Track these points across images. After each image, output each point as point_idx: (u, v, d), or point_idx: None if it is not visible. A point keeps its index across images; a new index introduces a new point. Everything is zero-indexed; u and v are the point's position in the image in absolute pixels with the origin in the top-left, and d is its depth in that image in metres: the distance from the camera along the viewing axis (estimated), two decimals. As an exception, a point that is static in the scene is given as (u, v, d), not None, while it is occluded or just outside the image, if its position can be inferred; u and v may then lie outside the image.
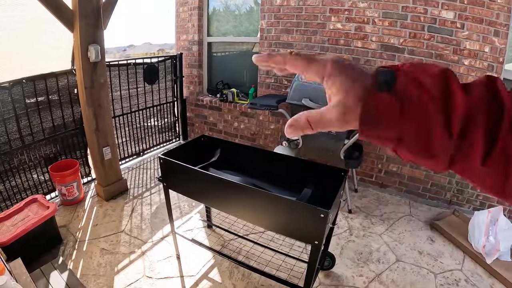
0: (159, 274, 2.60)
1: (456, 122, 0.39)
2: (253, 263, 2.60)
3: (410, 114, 0.40)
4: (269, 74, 4.49)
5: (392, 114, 0.40)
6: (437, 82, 0.40)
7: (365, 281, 2.60)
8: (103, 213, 3.36)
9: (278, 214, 1.89)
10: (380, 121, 0.41)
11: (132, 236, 3.03)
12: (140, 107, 4.54)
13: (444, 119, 0.39)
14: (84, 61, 3.08)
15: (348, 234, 3.15)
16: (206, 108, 5.23)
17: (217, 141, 2.81)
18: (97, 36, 3.12)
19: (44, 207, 2.84)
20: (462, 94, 0.39)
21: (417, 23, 3.45)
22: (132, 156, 4.65)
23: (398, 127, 0.41)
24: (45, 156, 3.44)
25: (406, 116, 0.40)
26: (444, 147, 0.40)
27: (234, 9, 4.90)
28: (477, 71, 3.31)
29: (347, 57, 3.86)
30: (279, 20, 4.21)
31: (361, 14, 3.68)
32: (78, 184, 3.48)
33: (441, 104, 0.39)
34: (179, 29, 5.26)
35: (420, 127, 0.40)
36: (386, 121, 0.41)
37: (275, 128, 4.67)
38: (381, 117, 0.41)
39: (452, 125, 0.39)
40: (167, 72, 4.82)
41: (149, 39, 57.07)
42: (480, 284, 2.59)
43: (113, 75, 4.00)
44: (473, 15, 3.19)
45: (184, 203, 3.57)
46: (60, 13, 2.86)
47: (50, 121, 3.40)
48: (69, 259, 2.73)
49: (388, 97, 0.40)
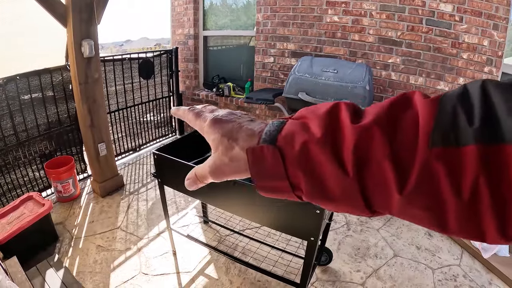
0: (156, 271, 2.58)
1: (347, 156, 0.35)
2: (250, 259, 2.58)
3: (294, 162, 0.38)
4: (265, 68, 4.46)
5: (275, 166, 0.39)
6: (322, 119, 0.38)
7: (362, 276, 2.59)
8: (99, 210, 3.34)
9: (274, 210, 1.87)
10: (268, 175, 0.40)
11: (128, 233, 3.01)
12: (136, 102, 4.51)
13: (331, 157, 0.36)
14: (78, 56, 3.04)
15: (346, 229, 3.14)
16: (202, 103, 5.17)
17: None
18: (90, 31, 3.08)
19: (39, 205, 2.81)
20: (350, 123, 0.36)
21: (415, 16, 3.42)
22: (128, 151, 4.62)
23: (287, 176, 0.39)
24: (40, 152, 3.41)
25: (290, 164, 0.38)
26: (344, 187, 0.36)
27: (231, 2, 4.86)
28: (475, 64, 3.28)
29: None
30: (276, 13, 4.18)
31: (358, 6, 3.65)
32: (73, 180, 3.46)
33: (326, 143, 0.36)
34: (175, 23, 5.22)
35: (309, 172, 0.38)
36: (272, 174, 0.40)
37: (272, 122, 4.62)
38: (267, 171, 0.40)
39: (343, 161, 0.35)
40: (162, 66, 4.78)
41: (146, 33, 57.02)
42: (478, 280, 2.57)
43: (108, 70, 3.96)
44: (472, 8, 3.16)
45: (180, 199, 3.55)
46: (53, 8, 2.82)
47: (45, 118, 3.36)
48: (65, 256, 2.72)
49: (269, 149, 0.39)
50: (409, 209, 0.34)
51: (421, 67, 3.52)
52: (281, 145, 0.39)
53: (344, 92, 3.02)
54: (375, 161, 0.34)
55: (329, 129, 0.37)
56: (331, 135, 0.37)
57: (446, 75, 3.43)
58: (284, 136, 0.39)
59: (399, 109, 0.35)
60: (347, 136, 0.35)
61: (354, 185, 0.35)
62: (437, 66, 3.44)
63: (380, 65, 3.72)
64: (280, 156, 0.38)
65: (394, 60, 3.63)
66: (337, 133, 0.36)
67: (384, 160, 0.33)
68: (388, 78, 3.71)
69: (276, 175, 0.39)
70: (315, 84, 3.13)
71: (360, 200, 0.36)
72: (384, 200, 0.35)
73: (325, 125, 0.37)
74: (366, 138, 0.34)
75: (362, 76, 3.06)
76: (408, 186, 0.32)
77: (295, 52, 4.17)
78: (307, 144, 0.37)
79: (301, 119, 0.40)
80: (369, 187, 0.35)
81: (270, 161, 0.39)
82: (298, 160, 0.38)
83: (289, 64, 4.24)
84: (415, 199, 0.32)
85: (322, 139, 0.37)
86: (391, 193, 0.33)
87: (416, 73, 3.55)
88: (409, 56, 3.54)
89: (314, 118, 0.39)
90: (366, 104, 2.99)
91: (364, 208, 0.36)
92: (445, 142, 0.30)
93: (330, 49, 3.94)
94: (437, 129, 0.31)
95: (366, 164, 0.34)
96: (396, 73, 3.66)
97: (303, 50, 4.10)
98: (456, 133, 0.30)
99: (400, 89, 3.68)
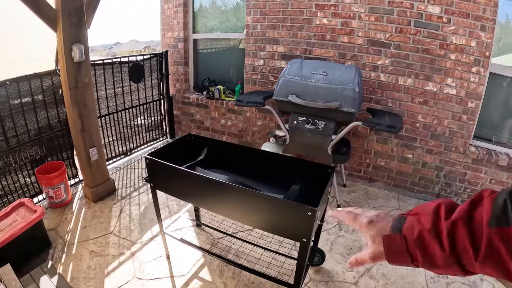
0: (150, 275, 2.58)
1: (444, 240, 0.57)
2: (243, 261, 2.60)
3: (413, 243, 0.61)
4: (255, 71, 4.47)
5: (401, 247, 0.63)
6: (430, 215, 0.61)
7: (355, 276, 2.61)
8: (91, 215, 3.33)
9: (266, 213, 1.89)
10: (397, 252, 0.64)
11: (121, 237, 3.00)
12: (126, 106, 4.48)
13: (436, 241, 0.58)
14: (68, 61, 3.03)
15: (338, 229, 3.17)
16: (193, 106, 5.20)
17: (204, 140, 2.79)
18: (80, 35, 3.07)
19: (31, 211, 2.80)
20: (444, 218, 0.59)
21: (403, 18, 3.45)
22: (120, 155, 4.60)
23: (409, 254, 0.62)
24: (31, 158, 3.39)
25: (411, 246, 0.62)
26: (444, 259, 0.58)
27: (221, 4, 4.86)
28: (463, 65, 3.33)
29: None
30: (265, 16, 4.19)
31: (347, 9, 3.68)
32: (65, 186, 3.44)
33: (432, 231, 0.59)
34: (164, 26, 5.20)
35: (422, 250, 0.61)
36: (399, 251, 0.63)
37: (262, 125, 4.66)
38: (396, 250, 0.64)
39: (442, 243, 0.57)
40: (152, 70, 4.77)
41: (136, 36, 56.58)
42: (470, 277, 2.61)
43: (98, 74, 3.94)
44: (459, 10, 3.21)
45: (172, 202, 3.55)
46: (43, 12, 2.81)
47: (35, 123, 3.33)
48: (59, 262, 2.70)
49: (397, 236, 0.64)
50: (485, 270, 0.53)
51: (409, 68, 3.55)
52: (405, 234, 0.63)
53: (333, 94, 3.05)
54: (460, 242, 0.55)
55: (433, 223, 0.60)
56: (435, 226, 0.59)
57: (434, 75, 3.47)
58: (406, 227, 0.64)
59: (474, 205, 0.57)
60: (443, 227, 0.58)
61: (450, 258, 0.57)
62: (426, 67, 3.48)
63: (369, 67, 3.75)
64: (404, 240, 0.63)
65: (383, 61, 3.66)
66: (438, 225, 0.59)
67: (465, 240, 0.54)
68: (377, 80, 3.74)
69: (402, 252, 0.63)
70: (305, 86, 3.15)
71: (456, 267, 0.57)
72: (470, 264, 0.55)
73: (432, 220, 0.60)
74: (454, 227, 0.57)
75: (351, 78, 3.08)
76: (480, 255, 0.52)
77: (285, 55, 4.19)
78: (421, 232, 0.61)
79: (416, 215, 0.64)
80: (459, 258, 0.56)
81: (398, 243, 0.64)
82: (415, 242, 0.61)
83: (279, 67, 4.25)
84: (486, 263, 0.52)
85: (430, 229, 0.60)
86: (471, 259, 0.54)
87: (405, 74, 3.59)
88: (398, 58, 3.58)
89: (425, 214, 0.63)
90: (356, 106, 3.01)
91: (460, 271, 0.58)
92: (497, 224, 0.51)
93: (319, 51, 3.96)
94: (493, 215, 0.52)
95: (455, 244, 0.56)
96: (385, 74, 3.69)
97: (292, 53, 4.12)
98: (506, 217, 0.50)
99: (389, 90, 3.71)
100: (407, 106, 3.68)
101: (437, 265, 0.59)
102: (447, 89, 3.46)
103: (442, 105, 3.52)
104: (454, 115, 3.50)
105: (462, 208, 0.58)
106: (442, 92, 3.48)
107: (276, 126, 4.43)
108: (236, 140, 4.98)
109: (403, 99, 3.68)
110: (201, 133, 5.29)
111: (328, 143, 3.24)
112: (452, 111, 3.50)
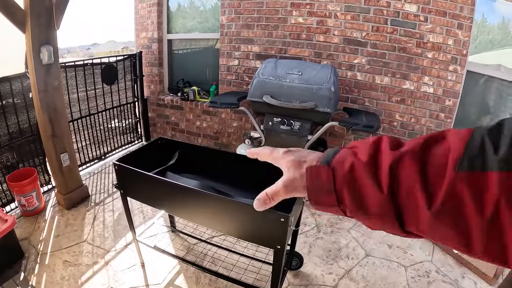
0: (124, 285, 2.50)
1: (384, 176, 0.44)
2: (219, 268, 2.54)
3: (342, 179, 0.48)
4: (230, 71, 4.43)
5: (327, 182, 0.49)
6: (367, 147, 0.48)
7: (335, 278, 2.58)
8: (64, 223, 3.22)
9: (238, 220, 1.84)
10: (320, 189, 0.50)
11: (94, 246, 2.91)
12: (100, 109, 4.37)
13: (371, 177, 0.45)
14: (36, 63, 2.92)
15: (316, 231, 3.13)
16: (168, 108, 5.12)
17: (175, 143, 2.72)
18: (50, 36, 2.97)
19: (2, 220, 2.68)
20: (388, 150, 0.45)
21: (380, 16, 3.45)
22: (93, 160, 4.48)
23: (335, 193, 0.49)
24: (2, 165, 3.27)
25: (339, 182, 0.48)
26: (379, 203, 0.44)
27: (199, 4, 4.79)
28: (440, 63, 3.34)
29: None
30: (240, 15, 4.14)
31: (323, 8, 3.65)
32: (37, 193, 3.32)
33: (368, 165, 0.46)
34: (138, 27, 5.11)
35: (352, 189, 0.47)
36: (324, 189, 0.50)
37: (238, 126, 4.61)
38: (320, 186, 0.50)
39: (380, 180, 0.44)
40: (126, 71, 4.66)
41: (114, 37, 55.69)
42: (451, 274, 2.62)
43: (70, 76, 3.82)
44: (436, 8, 3.22)
45: (147, 207, 3.46)
46: (11, 14, 2.70)
47: (5, 128, 3.22)
48: (32, 274, 2.60)
49: (324, 168, 0.50)
50: (437, 227, 0.40)
51: (386, 67, 3.55)
52: (334, 166, 0.50)
53: (309, 94, 3.01)
54: (406, 182, 0.42)
55: (372, 155, 0.47)
56: (373, 159, 0.46)
57: (411, 74, 3.47)
58: (337, 159, 0.50)
59: (433, 139, 0.43)
60: (384, 160, 0.45)
61: (387, 202, 0.43)
62: (403, 66, 3.48)
63: (345, 66, 3.73)
64: (332, 174, 0.49)
65: (359, 60, 3.65)
66: (377, 158, 0.46)
67: (415, 180, 0.41)
68: (354, 79, 3.72)
69: (327, 190, 0.49)
70: (280, 86, 3.11)
71: (393, 217, 0.44)
72: (415, 216, 0.42)
73: (369, 153, 0.47)
74: (399, 161, 0.43)
75: (327, 78, 3.05)
76: (435, 203, 0.39)
77: (259, 55, 4.14)
78: (354, 166, 0.47)
79: (351, 148, 0.51)
80: (401, 205, 0.43)
81: (323, 178, 0.50)
82: (345, 178, 0.48)
83: (254, 67, 4.21)
84: (442, 216, 0.39)
85: (365, 162, 0.46)
86: (421, 209, 0.40)
87: (382, 73, 3.58)
88: (375, 56, 3.57)
89: (362, 147, 0.49)
90: (332, 106, 2.98)
91: (398, 227, 0.45)
92: (470, 167, 0.37)
93: (295, 50, 3.93)
94: (466, 155, 0.38)
95: (398, 183, 0.43)
96: (361, 73, 3.68)
97: (267, 52, 4.08)
98: (483, 159, 0.37)
99: (366, 89, 3.70)
100: (384, 105, 3.67)
101: (369, 210, 0.46)
102: (424, 88, 3.46)
103: (419, 104, 3.52)
104: (432, 113, 3.51)
105: (415, 142, 0.44)
106: (419, 90, 3.48)
107: (251, 127, 4.38)
108: (212, 142, 4.92)
109: (380, 98, 3.67)
110: (176, 135, 5.23)
111: (304, 143, 3.21)
112: (429, 110, 3.51)
